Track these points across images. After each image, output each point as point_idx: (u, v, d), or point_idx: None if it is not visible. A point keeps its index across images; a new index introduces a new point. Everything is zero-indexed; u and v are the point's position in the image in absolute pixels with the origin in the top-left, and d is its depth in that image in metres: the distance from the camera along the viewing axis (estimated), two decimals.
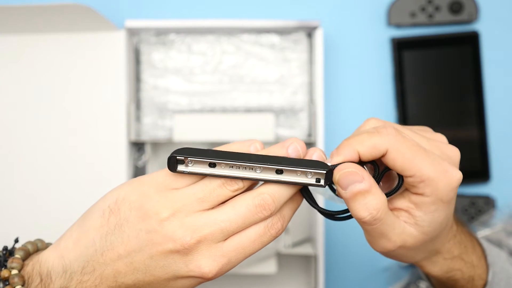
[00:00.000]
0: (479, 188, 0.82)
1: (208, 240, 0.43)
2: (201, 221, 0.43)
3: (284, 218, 0.46)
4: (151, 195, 0.44)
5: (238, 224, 0.43)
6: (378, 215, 0.44)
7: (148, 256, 0.43)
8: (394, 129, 0.45)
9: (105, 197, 0.46)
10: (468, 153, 0.80)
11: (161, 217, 0.43)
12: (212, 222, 0.43)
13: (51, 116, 0.74)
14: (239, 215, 0.43)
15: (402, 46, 0.80)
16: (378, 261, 0.82)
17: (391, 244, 0.47)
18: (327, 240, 0.80)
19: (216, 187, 0.44)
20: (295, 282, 0.80)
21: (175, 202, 0.43)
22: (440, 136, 0.50)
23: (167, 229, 0.43)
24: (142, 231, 0.43)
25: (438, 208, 0.45)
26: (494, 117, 0.81)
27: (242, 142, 0.46)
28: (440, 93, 0.80)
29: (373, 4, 0.81)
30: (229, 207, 0.44)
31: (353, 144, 0.46)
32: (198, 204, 0.43)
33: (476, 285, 0.55)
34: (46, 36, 0.75)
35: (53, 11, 0.68)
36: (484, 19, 0.81)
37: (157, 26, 0.74)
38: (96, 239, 0.44)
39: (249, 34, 0.77)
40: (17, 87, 0.75)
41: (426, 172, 0.44)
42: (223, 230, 0.43)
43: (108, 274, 0.44)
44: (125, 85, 0.74)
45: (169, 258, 0.43)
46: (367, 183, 0.44)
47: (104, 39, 0.74)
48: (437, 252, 0.51)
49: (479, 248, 0.56)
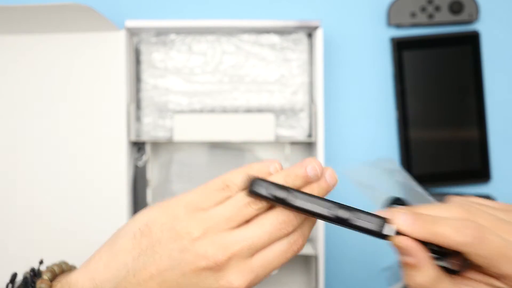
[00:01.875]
0: (479, 188, 0.82)
1: (238, 256, 0.45)
2: (230, 239, 0.45)
3: (304, 235, 0.48)
4: (181, 216, 0.45)
5: (264, 240, 0.45)
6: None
7: (180, 274, 0.45)
8: (477, 228, 0.42)
9: (134, 220, 0.47)
10: (468, 153, 0.80)
11: (193, 236, 0.45)
12: (241, 239, 0.45)
13: (51, 116, 0.74)
14: (265, 231, 0.45)
15: (402, 46, 0.80)
16: (378, 261, 0.82)
17: None
18: (327, 240, 0.80)
19: (242, 206, 0.45)
20: (295, 282, 0.80)
21: (205, 221, 0.45)
22: None
23: (199, 247, 0.44)
24: (175, 251, 0.45)
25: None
26: (494, 117, 0.81)
27: (262, 163, 0.48)
28: (440, 93, 0.80)
29: (373, 4, 0.81)
30: (256, 225, 0.45)
31: (435, 230, 0.43)
32: (226, 223, 0.45)
33: None
34: (46, 36, 0.75)
35: (53, 11, 0.68)
36: (484, 19, 0.81)
37: (157, 26, 0.74)
38: (128, 261, 0.45)
39: (249, 34, 0.77)
40: (17, 87, 0.75)
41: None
42: (250, 246, 0.45)
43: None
44: (125, 85, 0.74)
45: (201, 276, 0.45)
46: (415, 260, 0.43)
47: (104, 39, 0.74)
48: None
49: None
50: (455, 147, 0.80)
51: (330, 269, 0.81)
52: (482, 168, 0.81)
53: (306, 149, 0.79)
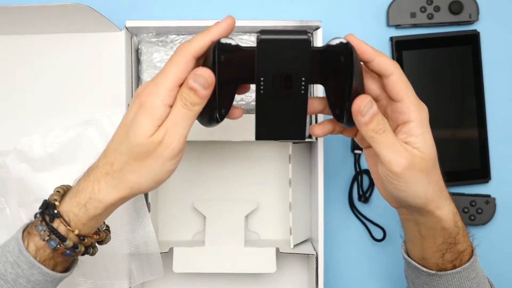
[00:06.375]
0: (479, 188, 0.82)
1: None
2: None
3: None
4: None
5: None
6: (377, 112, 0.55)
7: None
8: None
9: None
10: (468, 153, 0.80)
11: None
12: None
13: (51, 116, 0.74)
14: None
15: (401, 46, 0.80)
16: (378, 261, 0.82)
17: (403, 155, 0.54)
18: (327, 240, 0.80)
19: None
20: (295, 282, 0.80)
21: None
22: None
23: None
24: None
25: (424, 131, 0.56)
26: (494, 117, 0.81)
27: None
28: (440, 93, 0.80)
29: (373, 4, 0.81)
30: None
31: (372, 54, 0.56)
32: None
33: (467, 250, 0.61)
34: (46, 37, 0.75)
35: (53, 11, 0.68)
36: (484, 19, 0.81)
37: (157, 26, 0.74)
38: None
39: (249, 35, 0.77)
40: (17, 87, 0.75)
41: (413, 100, 0.56)
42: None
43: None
44: (125, 85, 0.74)
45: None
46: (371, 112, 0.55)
47: (104, 39, 0.74)
48: (441, 191, 0.58)
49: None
50: (455, 147, 0.80)
51: (330, 269, 0.81)
52: (482, 168, 0.81)
53: (306, 149, 0.79)
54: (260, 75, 0.53)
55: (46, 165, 0.72)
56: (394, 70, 0.56)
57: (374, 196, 0.81)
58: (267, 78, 0.53)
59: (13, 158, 0.72)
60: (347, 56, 0.54)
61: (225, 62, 0.54)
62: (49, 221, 0.54)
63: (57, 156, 0.72)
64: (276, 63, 0.53)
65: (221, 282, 0.79)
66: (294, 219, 0.75)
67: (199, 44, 0.54)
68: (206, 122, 0.57)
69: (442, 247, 0.60)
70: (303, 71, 0.53)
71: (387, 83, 0.56)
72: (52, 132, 0.73)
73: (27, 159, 0.72)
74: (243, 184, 0.80)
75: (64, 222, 0.54)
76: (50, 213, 0.54)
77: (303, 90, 0.54)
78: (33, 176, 0.71)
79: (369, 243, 0.82)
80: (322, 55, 0.54)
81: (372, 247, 0.82)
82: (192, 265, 0.74)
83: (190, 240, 0.80)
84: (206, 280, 0.79)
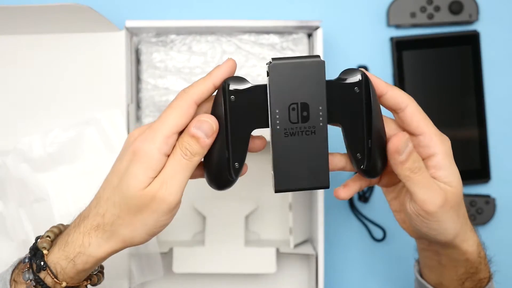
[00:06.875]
0: (479, 188, 0.82)
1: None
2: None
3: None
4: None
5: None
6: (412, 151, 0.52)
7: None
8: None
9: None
10: (468, 153, 0.80)
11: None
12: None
13: (51, 116, 0.74)
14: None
15: (402, 46, 0.80)
16: (378, 261, 0.82)
17: (439, 194, 0.52)
18: (327, 240, 0.80)
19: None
20: (295, 282, 0.80)
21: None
22: None
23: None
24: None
25: (451, 162, 0.53)
26: (494, 117, 0.81)
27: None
28: (440, 93, 0.80)
29: (373, 4, 0.81)
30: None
31: (385, 87, 0.53)
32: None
33: (486, 277, 0.59)
34: (46, 36, 0.75)
35: (53, 11, 0.68)
36: (484, 19, 0.81)
37: (157, 26, 0.74)
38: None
39: (249, 34, 0.77)
40: (17, 88, 0.75)
41: (434, 131, 0.53)
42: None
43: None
44: (125, 85, 0.74)
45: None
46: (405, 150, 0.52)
47: (104, 39, 0.74)
48: (466, 223, 0.56)
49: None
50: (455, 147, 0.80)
51: (330, 269, 0.81)
52: (482, 168, 0.81)
53: None
54: (275, 107, 0.49)
55: (46, 165, 0.72)
56: (409, 102, 0.53)
57: (374, 196, 0.81)
58: (282, 110, 0.49)
59: (13, 158, 0.72)
60: (362, 86, 0.51)
61: (236, 102, 0.50)
62: (36, 271, 0.51)
63: (57, 156, 0.72)
64: (290, 90, 0.49)
65: (221, 282, 0.79)
66: (294, 219, 0.75)
67: (201, 89, 0.50)
68: (218, 180, 0.52)
69: (463, 277, 0.58)
70: (320, 97, 0.49)
71: (404, 117, 0.53)
72: (52, 132, 0.73)
73: (27, 159, 0.72)
74: (243, 184, 0.80)
75: (51, 274, 0.51)
76: (37, 263, 0.51)
77: (321, 122, 0.50)
78: (33, 176, 0.71)
79: (369, 243, 0.82)
80: (335, 87, 0.51)
81: (372, 247, 0.82)
82: (192, 265, 0.74)
83: (190, 240, 0.80)
84: (206, 280, 0.79)
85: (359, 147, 0.52)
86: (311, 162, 0.50)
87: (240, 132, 0.50)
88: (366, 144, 0.52)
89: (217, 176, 0.52)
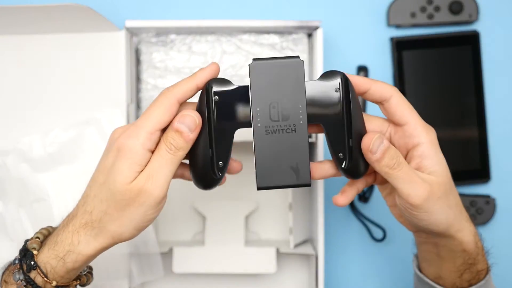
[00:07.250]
0: (479, 188, 0.82)
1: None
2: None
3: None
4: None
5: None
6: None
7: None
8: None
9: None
10: (468, 153, 0.80)
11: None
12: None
13: (51, 116, 0.74)
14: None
15: (402, 46, 0.80)
16: (378, 261, 0.82)
17: (422, 186, 0.52)
18: (327, 240, 0.80)
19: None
20: (295, 282, 0.80)
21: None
22: None
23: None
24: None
25: (437, 151, 0.54)
26: (494, 117, 0.81)
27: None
28: (440, 93, 0.80)
29: (373, 4, 0.81)
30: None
31: (368, 83, 0.54)
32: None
33: (484, 269, 0.59)
34: (46, 37, 0.75)
35: (53, 12, 0.68)
36: (484, 19, 0.81)
37: (157, 26, 0.74)
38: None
39: (249, 34, 0.77)
40: (17, 88, 0.75)
41: (419, 121, 0.54)
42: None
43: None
44: (125, 85, 0.74)
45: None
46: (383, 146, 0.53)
47: (104, 39, 0.74)
48: (461, 213, 0.56)
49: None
50: (455, 147, 0.80)
51: (330, 269, 0.81)
52: (482, 168, 0.81)
53: None
54: (256, 106, 0.51)
55: (46, 165, 0.72)
56: (393, 92, 0.54)
57: (374, 196, 0.81)
58: (263, 108, 0.51)
59: (13, 158, 0.72)
60: (342, 86, 0.52)
61: (219, 102, 0.52)
62: (26, 271, 0.52)
63: (57, 156, 0.72)
64: (271, 89, 0.51)
65: (221, 282, 0.79)
66: (294, 219, 0.75)
67: (184, 88, 0.52)
68: (203, 180, 0.53)
69: (461, 268, 0.58)
70: (299, 96, 0.51)
71: (388, 108, 0.55)
72: (52, 132, 0.73)
73: (27, 159, 0.72)
74: (243, 184, 0.80)
75: (42, 273, 0.52)
76: (27, 263, 0.52)
77: (301, 120, 0.51)
78: (33, 176, 0.71)
79: (369, 243, 0.82)
80: (316, 88, 0.53)
81: (372, 247, 0.82)
82: (192, 265, 0.75)
83: (190, 240, 0.80)
84: (206, 280, 0.79)
85: (340, 146, 0.53)
86: (292, 160, 0.52)
87: (223, 131, 0.52)
88: (347, 144, 0.53)
89: (202, 175, 0.53)
